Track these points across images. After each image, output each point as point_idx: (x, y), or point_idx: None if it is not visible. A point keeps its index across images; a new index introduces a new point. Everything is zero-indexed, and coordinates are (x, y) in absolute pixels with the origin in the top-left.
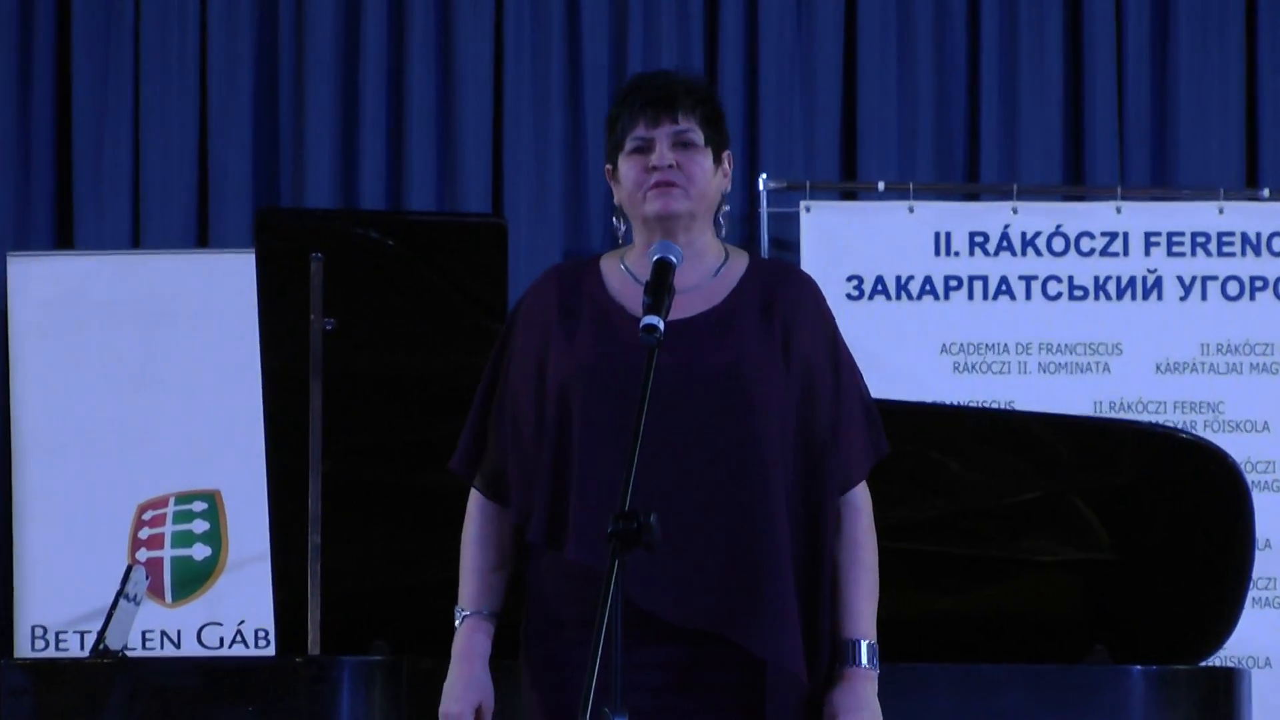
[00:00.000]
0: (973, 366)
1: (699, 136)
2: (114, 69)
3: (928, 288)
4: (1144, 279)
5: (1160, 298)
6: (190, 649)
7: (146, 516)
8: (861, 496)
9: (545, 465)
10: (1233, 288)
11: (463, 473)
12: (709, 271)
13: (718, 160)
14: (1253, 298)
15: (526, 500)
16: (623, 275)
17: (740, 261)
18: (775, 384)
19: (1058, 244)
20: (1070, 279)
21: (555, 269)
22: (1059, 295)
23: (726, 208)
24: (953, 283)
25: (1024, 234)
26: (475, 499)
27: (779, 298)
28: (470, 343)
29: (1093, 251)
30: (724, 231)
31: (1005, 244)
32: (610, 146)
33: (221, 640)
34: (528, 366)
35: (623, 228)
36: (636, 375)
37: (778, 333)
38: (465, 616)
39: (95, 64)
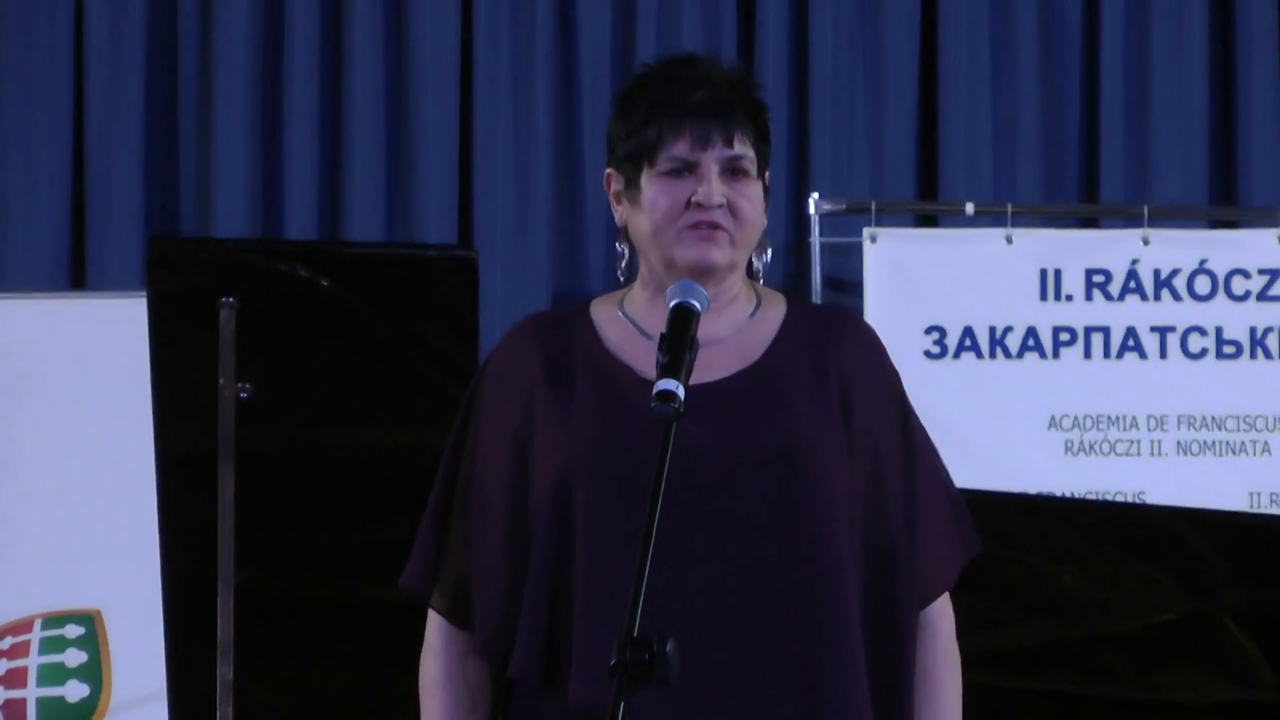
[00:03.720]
0: (1091, 446)
1: (753, 163)
2: None
3: (1031, 343)
4: None
5: None
6: None
7: (5, 645)
8: (940, 613)
9: (538, 577)
10: None
11: (416, 590)
12: (739, 320)
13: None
14: None
15: (498, 619)
16: (624, 326)
17: (776, 307)
18: (839, 468)
19: (1202, 284)
20: (1219, 331)
21: (532, 319)
22: (1204, 352)
23: (769, 252)
24: (1064, 336)
25: (1158, 271)
26: (436, 626)
27: (832, 352)
28: (431, 414)
29: (1248, 295)
30: (761, 277)
31: (1133, 284)
32: (624, 151)
33: None
34: (501, 445)
35: (625, 256)
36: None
37: (835, 398)
38: None
39: None
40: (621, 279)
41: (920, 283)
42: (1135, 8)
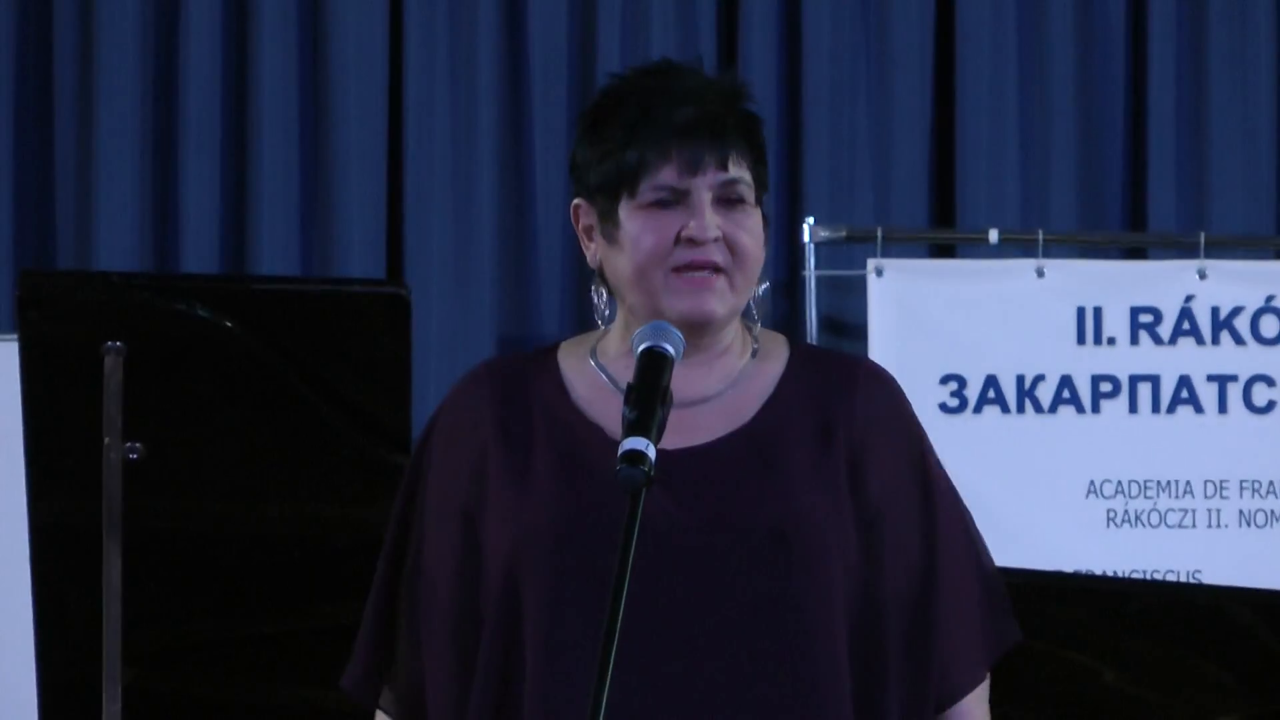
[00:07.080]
0: (1137, 517)
1: (750, 189)
2: None
3: (1067, 395)
4: None
5: None
6: None
7: None
8: (977, 710)
9: (484, 685)
10: None
11: (359, 693)
12: (731, 373)
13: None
14: None
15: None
16: (595, 379)
17: (776, 356)
18: (842, 550)
19: (1268, 326)
20: None
21: (486, 367)
22: (1270, 406)
23: (765, 285)
24: (1105, 387)
25: (1216, 310)
26: None
27: (841, 409)
28: (354, 483)
29: None
30: (759, 317)
31: (1188, 326)
32: (597, 179)
33: None
34: (447, 520)
35: (605, 302)
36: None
37: (841, 466)
38: None
39: None
40: (601, 325)
41: (935, 324)
42: (1189, 8)
